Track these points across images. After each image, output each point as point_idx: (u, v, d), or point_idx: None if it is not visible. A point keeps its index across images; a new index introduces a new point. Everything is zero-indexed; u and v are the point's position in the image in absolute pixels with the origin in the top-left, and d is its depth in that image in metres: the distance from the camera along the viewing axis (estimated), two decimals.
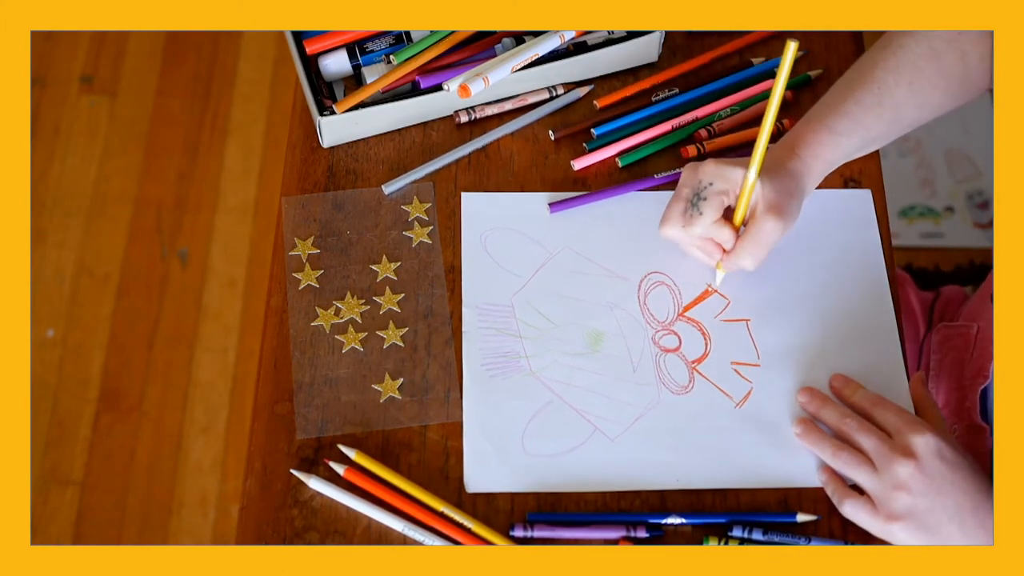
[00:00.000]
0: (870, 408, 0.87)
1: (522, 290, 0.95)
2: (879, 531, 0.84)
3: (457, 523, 0.86)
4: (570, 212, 0.98)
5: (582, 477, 0.88)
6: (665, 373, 0.92)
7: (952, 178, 1.89)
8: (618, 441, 0.89)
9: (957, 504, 0.82)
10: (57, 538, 1.70)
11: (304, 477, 0.87)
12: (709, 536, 0.86)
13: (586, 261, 0.97)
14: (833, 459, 0.86)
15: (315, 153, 1.02)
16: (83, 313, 1.85)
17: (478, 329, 0.93)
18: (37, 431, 1.76)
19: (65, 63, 2.04)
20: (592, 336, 0.94)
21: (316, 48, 1.01)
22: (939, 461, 0.82)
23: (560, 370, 0.92)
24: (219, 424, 1.78)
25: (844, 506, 0.85)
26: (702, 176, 0.89)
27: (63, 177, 1.95)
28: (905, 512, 0.82)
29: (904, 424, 0.85)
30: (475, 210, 0.99)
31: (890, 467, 0.83)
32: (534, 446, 0.89)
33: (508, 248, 0.97)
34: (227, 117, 2.01)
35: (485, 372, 0.92)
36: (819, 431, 0.88)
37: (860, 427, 0.86)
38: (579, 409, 0.91)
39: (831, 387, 0.91)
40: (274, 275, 0.96)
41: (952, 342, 1.06)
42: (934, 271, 1.74)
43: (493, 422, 0.90)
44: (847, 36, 1.07)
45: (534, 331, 0.94)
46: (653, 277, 0.96)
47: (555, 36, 1.01)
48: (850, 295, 0.95)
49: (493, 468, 0.88)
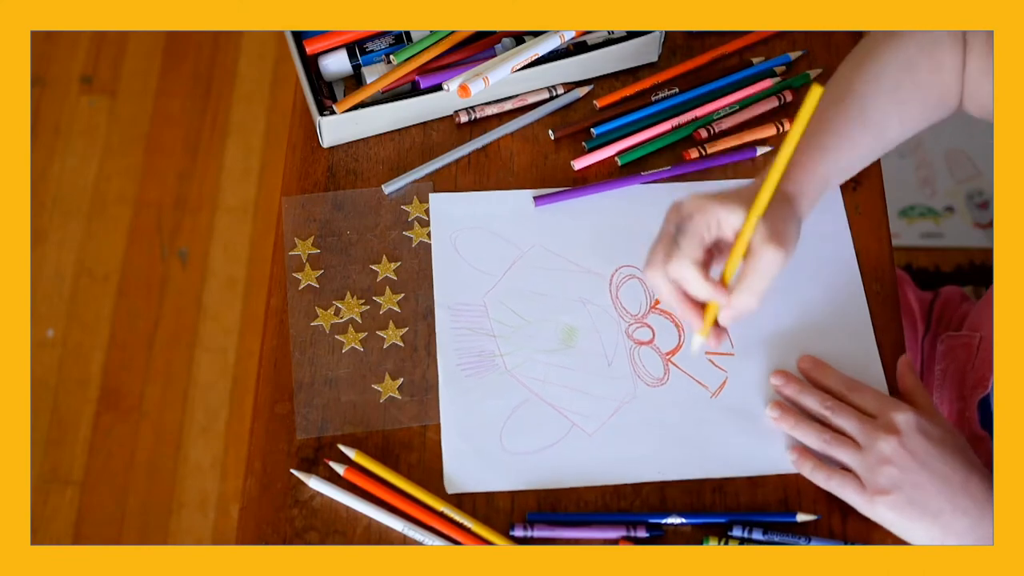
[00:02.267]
0: (847, 392, 0.88)
1: (494, 289, 0.95)
2: (867, 508, 0.84)
3: (457, 523, 0.86)
4: (540, 209, 0.98)
5: (562, 473, 0.88)
6: (640, 366, 0.92)
7: (952, 178, 1.89)
8: (596, 436, 0.90)
9: (944, 477, 0.82)
10: (57, 538, 1.70)
11: (304, 477, 0.87)
12: (709, 536, 0.86)
13: (557, 257, 0.97)
14: (817, 440, 0.86)
15: (315, 153, 1.02)
16: (83, 313, 1.85)
17: (452, 329, 0.93)
18: (37, 431, 1.76)
19: (65, 63, 2.04)
20: (566, 332, 0.94)
21: (316, 48, 1.01)
22: (922, 436, 0.83)
23: (535, 367, 0.92)
24: (219, 424, 1.78)
25: (831, 482, 0.85)
26: (683, 210, 0.85)
27: (63, 177, 1.95)
28: (891, 486, 0.82)
29: (884, 404, 0.86)
30: (444, 210, 0.98)
31: (874, 444, 0.83)
32: (512, 444, 0.89)
33: (479, 247, 0.97)
34: (227, 117, 2.01)
35: (460, 372, 0.92)
36: (797, 414, 0.88)
37: (840, 409, 0.86)
38: (556, 405, 0.91)
39: (800, 368, 0.91)
40: (274, 275, 0.96)
41: (955, 352, 1.06)
42: (934, 271, 1.74)
43: (470, 422, 0.90)
44: (847, 36, 1.07)
45: (508, 329, 0.94)
46: (624, 271, 0.96)
47: (555, 36, 1.01)
48: (822, 282, 0.95)
49: (472, 468, 0.88)
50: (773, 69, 1.05)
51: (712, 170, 1.00)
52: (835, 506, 0.87)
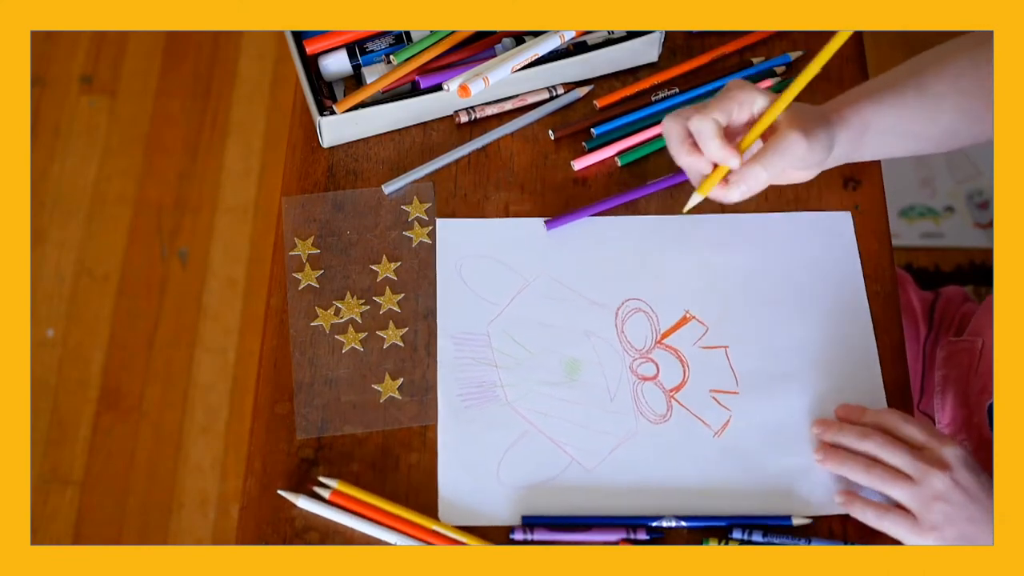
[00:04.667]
0: (891, 425, 0.86)
1: (498, 318, 0.94)
2: (918, 542, 0.83)
3: (452, 539, 0.85)
4: (547, 239, 0.97)
5: (558, 508, 0.87)
6: (643, 402, 0.91)
7: (952, 178, 1.89)
8: (595, 472, 0.88)
9: (989, 510, 0.82)
10: (57, 538, 1.70)
11: (292, 497, 0.86)
12: (709, 538, 0.85)
13: (563, 288, 0.95)
14: (866, 476, 0.85)
15: (315, 153, 1.02)
16: (83, 313, 1.85)
17: (454, 359, 0.92)
18: (37, 431, 1.75)
19: (65, 63, 2.04)
20: (569, 365, 0.92)
21: (316, 48, 1.01)
22: (968, 470, 0.83)
23: (537, 399, 0.91)
24: (219, 424, 1.78)
25: (883, 521, 0.84)
26: (727, 89, 0.87)
27: (63, 177, 1.95)
28: (945, 522, 0.82)
29: (931, 437, 0.85)
30: (451, 238, 0.97)
31: (927, 479, 0.82)
32: (509, 477, 0.88)
33: (484, 276, 0.96)
34: (227, 117, 2.01)
35: (461, 402, 0.91)
36: (843, 452, 0.87)
37: (887, 443, 0.85)
38: (555, 439, 0.89)
39: (838, 416, 0.90)
40: (274, 275, 0.96)
41: (957, 358, 1.06)
42: (934, 271, 1.74)
43: (469, 453, 0.89)
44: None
45: (511, 360, 0.92)
46: (631, 304, 0.95)
47: (555, 36, 1.01)
48: (830, 321, 0.94)
49: (467, 500, 0.87)
50: (773, 69, 1.05)
51: None
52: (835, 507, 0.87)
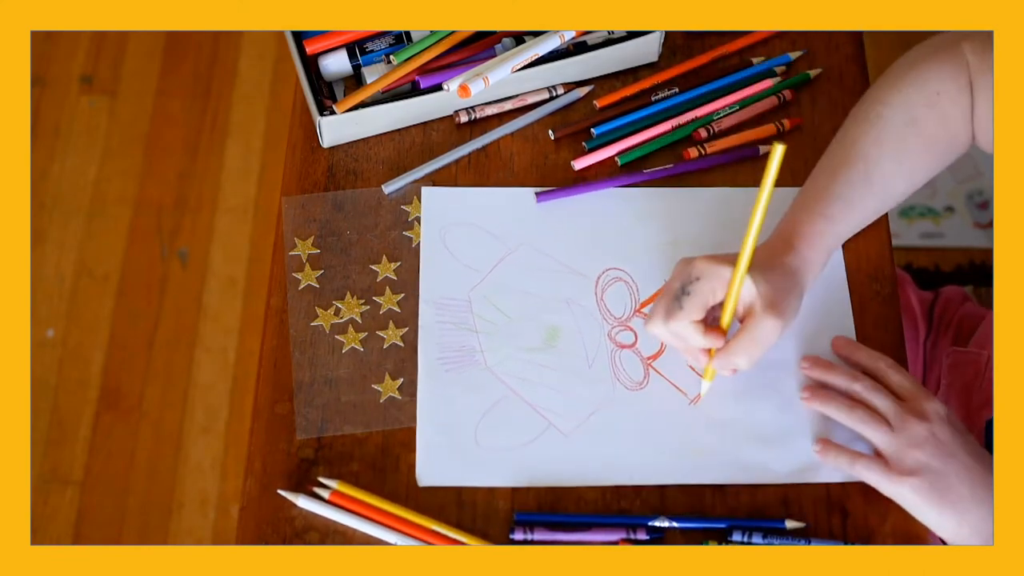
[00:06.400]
0: (884, 370, 0.89)
1: (480, 285, 0.95)
2: (890, 488, 0.84)
3: (451, 538, 0.85)
4: (531, 209, 0.98)
5: (536, 472, 0.88)
6: (620, 369, 0.92)
7: (952, 178, 1.89)
8: (571, 436, 0.90)
9: (968, 468, 0.83)
10: (57, 538, 1.70)
11: (292, 497, 0.86)
12: (709, 539, 0.86)
13: (544, 257, 0.97)
14: (848, 416, 0.87)
15: (315, 153, 1.02)
16: (83, 313, 1.85)
17: (435, 324, 0.94)
18: (37, 431, 1.75)
19: (65, 63, 2.04)
20: (548, 331, 0.94)
21: (316, 48, 1.01)
22: (949, 426, 0.85)
23: (515, 365, 0.92)
24: (219, 424, 1.78)
25: (856, 466, 0.86)
26: (692, 270, 0.85)
27: (63, 177, 1.95)
28: (918, 467, 0.83)
29: (916, 389, 0.87)
30: (435, 205, 0.99)
31: (906, 426, 0.84)
32: (487, 440, 0.89)
33: (467, 243, 0.97)
34: (227, 117, 2.01)
35: (440, 366, 0.92)
36: (828, 391, 0.89)
37: (874, 388, 0.87)
38: (533, 404, 0.91)
39: (834, 349, 0.92)
40: (274, 275, 0.96)
41: (960, 368, 1.07)
42: (934, 271, 1.74)
43: (447, 416, 0.90)
44: (847, 36, 1.07)
45: (490, 326, 0.94)
46: (611, 273, 0.96)
47: (555, 36, 1.01)
48: (810, 294, 0.93)
49: (445, 462, 0.88)
50: (773, 69, 1.05)
51: (712, 169, 1.00)
52: (835, 507, 0.87)
